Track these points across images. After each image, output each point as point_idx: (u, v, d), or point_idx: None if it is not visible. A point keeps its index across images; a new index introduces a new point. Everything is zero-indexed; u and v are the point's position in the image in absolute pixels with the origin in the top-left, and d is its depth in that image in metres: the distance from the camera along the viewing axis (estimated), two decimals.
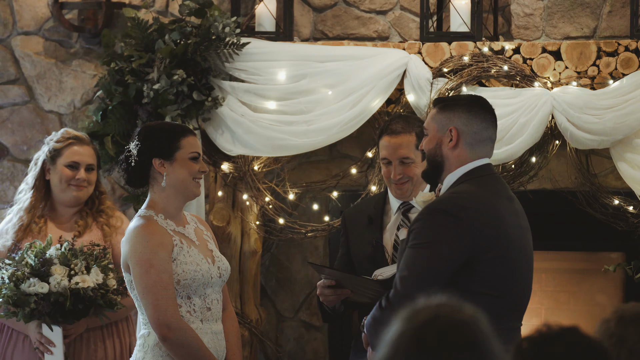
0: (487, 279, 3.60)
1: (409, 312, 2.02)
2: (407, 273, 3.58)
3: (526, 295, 3.80)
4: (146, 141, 4.14)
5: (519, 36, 5.63)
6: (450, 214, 3.58)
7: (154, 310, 4.01)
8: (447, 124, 3.72)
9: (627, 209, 5.39)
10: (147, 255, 4.03)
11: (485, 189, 3.68)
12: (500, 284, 3.62)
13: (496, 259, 3.62)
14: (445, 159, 3.72)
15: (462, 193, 3.67)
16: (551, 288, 6.02)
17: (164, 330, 4.00)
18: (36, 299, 4.50)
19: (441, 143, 3.72)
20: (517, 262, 3.70)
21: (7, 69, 6.06)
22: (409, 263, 3.59)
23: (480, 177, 3.70)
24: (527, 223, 3.81)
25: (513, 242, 3.67)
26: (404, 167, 4.40)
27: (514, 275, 3.68)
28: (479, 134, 3.72)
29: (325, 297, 4.23)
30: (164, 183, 4.13)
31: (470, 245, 3.58)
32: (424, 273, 3.56)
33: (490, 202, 3.66)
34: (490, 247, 3.60)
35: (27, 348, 4.81)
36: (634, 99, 5.17)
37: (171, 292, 4.03)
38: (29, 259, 4.56)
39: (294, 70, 5.45)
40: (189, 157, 4.15)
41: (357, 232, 4.54)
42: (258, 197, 5.62)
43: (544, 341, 2.15)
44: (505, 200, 3.72)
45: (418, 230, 3.61)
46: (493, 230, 3.62)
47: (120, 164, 4.20)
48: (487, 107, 3.79)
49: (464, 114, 3.72)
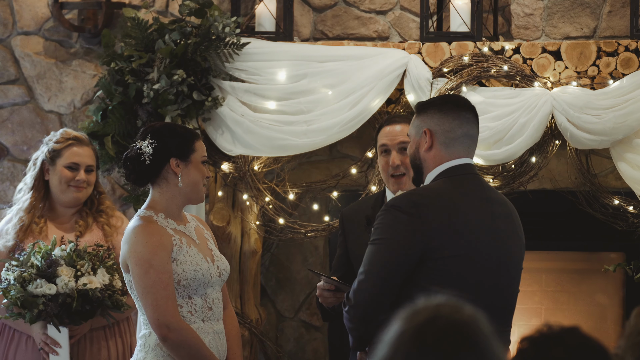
0: (445, 277, 3.56)
1: (409, 312, 2.02)
2: (363, 269, 3.63)
3: (503, 305, 3.71)
4: (164, 140, 4.14)
5: (519, 36, 5.63)
6: (403, 211, 3.59)
7: (153, 310, 4.01)
8: (422, 126, 3.73)
9: (627, 209, 5.39)
10: (146, 255, 4.03)
11: (453, 188, 3.66)
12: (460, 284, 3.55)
13: (453, 257, 3.58)
14: (423, 161, 3.73)
15: (420, 190, 3.69)
16: (551, 288, 6.02)
17: (163, 330, 4.00)
18: (44, 300, 4.50)
19: (419, 146, 3.73)
20: (483, 264, 3.62)
21: (7, 69, 6.06)
22: (366, 259, 3.64)
23: (453, 176, 3.68)
24: (514, 228, 3.75)
25: (478, 243, 3.62)
26: (403, 157, 4.40)
27: (481, 280, 3.61)
28: (452, 132, 3.70)
29: (325, 299, 4.24)
30: (180, 184, 4.14)
31: (422, 241, 3.57)
32: (379, 268, 3.59)
33: (453, 200, 3.63)
34: (445, 245, 3.58)
35: (29, 348, 4.81)
36: (634, 99, 5.17)
37: (171, 292, 4.03)
38: (35, 260, 4.56)
39: (294, 70, 5.45)
40: (201, 160, 4.19)
41: (355, 232, 4.54)
42: (258, 197, 5.63)
43: (545, 341, 2.14)
44: (478, 200, 3.67)
45: (376, 226, 3.65)
46: (449, 229, 3.59)
47: (127, 162, 4.17)
48: (461, 105, 3.76)
49: (435, 114, 3.71)
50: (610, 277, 5.76)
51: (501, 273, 3.69)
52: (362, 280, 3.61)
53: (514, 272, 3.76)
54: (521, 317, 5.94)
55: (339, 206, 5.66)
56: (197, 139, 4.20)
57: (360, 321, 3.63)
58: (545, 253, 5.84)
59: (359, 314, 3.62)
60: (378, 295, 3.60)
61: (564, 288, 6.02)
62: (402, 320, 2.02)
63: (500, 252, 3.68)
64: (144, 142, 4.15)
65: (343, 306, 3.70)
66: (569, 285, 6.01)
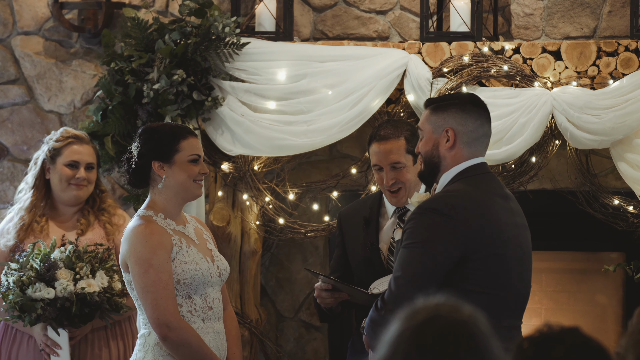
0: (482, 277, 3.59)
1: (409, 312, 2.02)
2: (400, 273, 3.58)
3: (524, 294, 3.79)
4: (146, 144, 4.14)
5: (519, 36, 5.63)
6: (442, 213, 3.58)
7: (153, 309, 4.01)
8: (443, 125, 3.72)
9: (627, 209, 5.39)
10: (146, 255, 4.03)
11: (478, 188, 3.68)
12: (496, 282, 3.62)
13: (490, 256, 3.61)
14: (442, 159, 3.73)
15: (454, 192, 3.67)
16: (551, 288, 6.02)
17: (163, 329, 4.00)
18: (42, 304, 4.50)
19: (438, 144, 3.73)
20: (513, 260, 3.69)
21: (7, 69, 6.06)
22: (402, 263, 3.59)
23: (473, 175, 3.70)
24: (525, 221, 3.82)
25: (508, 240, 3.67)
26: (396, 173, 4.40)
27: (510, 274, 3.68)
28: (475, 132, 3.73)
29: (323, 299, 4.24)
30: (160, 185, 4.13)
31: (462, 243, 3.58)
32: (417, 272, 3.56)
33: (483, 200, 3.66)
34: (483, 245, 3.60)
35: (31, 348, 4.81)
36: (634, 99, 5.17)
37: (170, 291, 4.03)
38: (34, 263, 4.56)
39: (294, 70, 5.45)
40: (188, 159, 4.14)
41: (353, 233, 4.54)
42: (258, 197, 5.62)
43: (545, 341, 2.14)
44: (499, 198, 3.72)
45: (411, 229, 3.61)
46: (485, 228, 3.62)
47: (122, 165, 4.20)
48: (480, 104, 3.80)
49: (458, 114, 3.72)
50: (610, 277, 5.76)
51: (526, 266, 3.77)
52: (401, 285, 3.56)
53: (530, 264, 3.83)
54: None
55: (339, 206, 5.66)
56: (184, 138, 4.14)
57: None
58: (545, 253, 5.84)
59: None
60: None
61: (564, 288, 6.02)
62: (401, 320, 2.02)
63: (523, 246, 3.76)
64: (134, 145, 4.17)
65: (375, 310, 3.63)
66: (569, 285, 6.01)
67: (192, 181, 4.15)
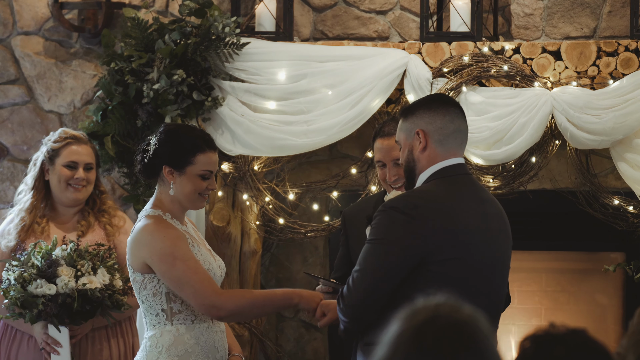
0: (443, 280, 3.53)
1: (409, 312, 2.02)
2: (358, 267, 3.61)
3: (494, 301, 3.71)
4: (164, 145, 4.07)
5: (519, 36, 5.63)
6: (402, 212, 3.56)
7: (195, 298, 3.97)
8: (413, 128, 3.69)
9: (627, 209, 5.39)
10: (168, 249, 3.98)
11: (447, 189, 3.64)
12: (459, 287, 3.54)
13: (452, 260, 3.57)
14: (417, 162, 3.69)
15: (419, 192, 3.65)
16: (551, 288, 6.02)
17: (213, 312, 3.99)
18: (44, 300, 4.50)
19: (412, 148, 3.70)
20: (478, 265, 3.62)
21: (7, 69, 6.06)
22: (361, 258, 3.61)
23: (448, 177, 3.66)
24: (505, 227, 3.75)
25: (473, 245, 3.60)
26: (399, 169, 4.40)
27: (475, 280, 3.61)
28: (445, 128, 3.68)
29: None
30: (172, 192, 4.10)
31: (422, 244, 3.55)
32: (373, 268, 3.57)
33: (449, 202, 3.61)
34: (444, 248, 3.56)
35: (31, 348, 4.81)
36: (634, 99, 5.17)
37: (202, 273, 3.99)
38: (36, 260, 4.56)
39: (293, 70, 5.45)
40: (199, 173, 4.07)
41: (357, 232, 4.54)
42: (258, 197, 5.63)
43: (548, 341, 2.14)
44: (472, 202, 3.66)
45: (373, 226, 3.62)
46: (448, 231, 3.57)
47: (138, 153, 4.16)
48: (447, 101, 3.77)
49: (425, 114, 3.69)
50: (610, 277, 5.76)
51: (495, 274, 3.70)
52: (356, 279, 3.59)
53: (505, 272, 3.78)
54: (521, 317, 5.94)
55: (339, 206, 5.66)
56: (201, 152, 4.07)
57: (352, 319, 3.63)
58: (545, 253, 5.84)
59: (350, 313, 3.62)
60: (372, 296, 3.57)
61: (564, 288, 6.02)
62: (401, 320, 2.02)
63: (493, 253, 3.68)
64: (153, 139, 4.12)
65: (337, 302, 3.69)
66: (569, 285, 6.01)
67: (197, 194, 4.11)
